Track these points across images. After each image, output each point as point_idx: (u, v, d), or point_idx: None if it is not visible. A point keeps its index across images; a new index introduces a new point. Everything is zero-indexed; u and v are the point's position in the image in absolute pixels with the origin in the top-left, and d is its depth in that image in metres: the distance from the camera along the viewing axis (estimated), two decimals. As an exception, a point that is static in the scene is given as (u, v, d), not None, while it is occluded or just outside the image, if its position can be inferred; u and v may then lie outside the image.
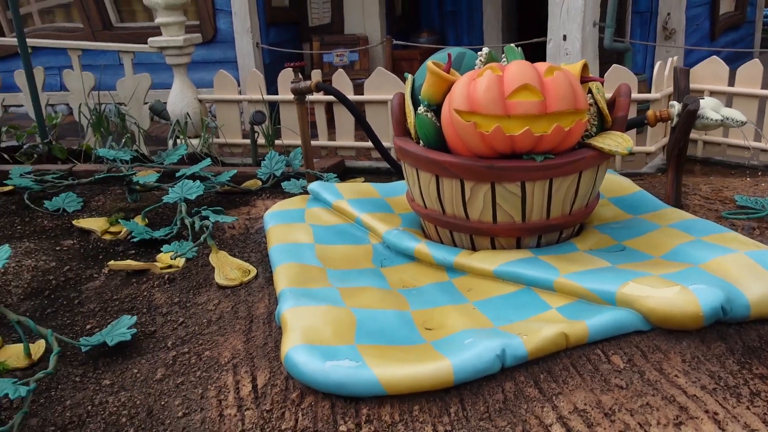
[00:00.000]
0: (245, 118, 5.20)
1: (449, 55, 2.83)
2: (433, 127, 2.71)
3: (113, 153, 3.86)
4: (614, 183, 3.24)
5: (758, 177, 3.88)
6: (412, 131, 2.86)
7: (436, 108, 2.76)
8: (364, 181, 4.29)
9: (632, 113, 4.40)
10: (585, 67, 2.80)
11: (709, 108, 3.19)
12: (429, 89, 2.75)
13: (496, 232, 2.67)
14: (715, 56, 4.63)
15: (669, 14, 7.34)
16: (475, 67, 2.86)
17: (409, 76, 2.98)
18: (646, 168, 4.46)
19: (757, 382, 1.91)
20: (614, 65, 4.58)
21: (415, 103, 2.88)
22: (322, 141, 5.08)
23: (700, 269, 2.30)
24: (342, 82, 4.89)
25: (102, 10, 7.07)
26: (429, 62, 2.75)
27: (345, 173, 4.76)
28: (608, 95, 2.89)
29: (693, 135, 4.57)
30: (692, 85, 4.61)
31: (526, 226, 2.64)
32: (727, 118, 3.16)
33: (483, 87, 2.50)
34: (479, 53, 2.85)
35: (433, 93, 2.74)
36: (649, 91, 4.68)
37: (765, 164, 4.36)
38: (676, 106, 3.21)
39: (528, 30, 8.32)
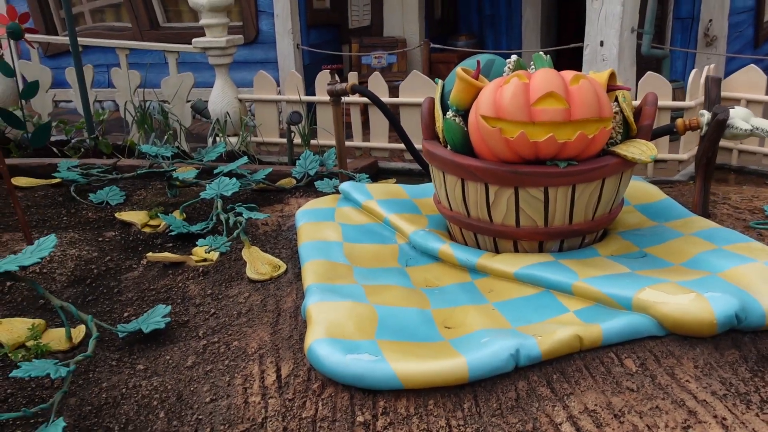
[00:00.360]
0: (283, 117, 5.34)
1: (478, 62, 2.89)
2: (461, 131, 2.78)
3: (155, 149, 4.02)
4: (641, 190, 3.25)
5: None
6: (441, 135, 2.93)
7: (464, 113, 2.83)
8: (395, 182, 4.38)
9: (666, 120, 4.39)
10: (612, 75, 2.83)
11: (739, 118, 3.18)
12: (457, 95, 2.82)
13: (518, 235, 2.73)
14: (753, 65, 4.58)
15: (711, 21, 7.23)
16: (504, 74, 2.92)
17: (440, 82, 3.06)
18: (678, 176, 4.44)
19: (769, 391, 1.94)
20: (648, 72, 4.57)
21: (444, 108, 2.95)
22: (357, 142, 5.18)
23: (718, 277, 2.33)
24: (378, 84, 4.99)
25: (150, 10, 7.31)
26: (458, 69, 2.82)
27: (378, 174, 4.86)
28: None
29: (728, 144, 4.54)
30: (729, 94, 4.58)
31: (549, 231, 2.69)
32: (757, 128, 3.15)
33: (509, 94, 2.56)
34: (508, 60, 2.90)
35: (462, 99, 2.81)
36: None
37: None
38: (705, 115, 3.21)
39: (568, 34, 8.31)
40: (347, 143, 5.14)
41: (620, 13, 5.81)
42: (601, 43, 5.96)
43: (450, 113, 2.86)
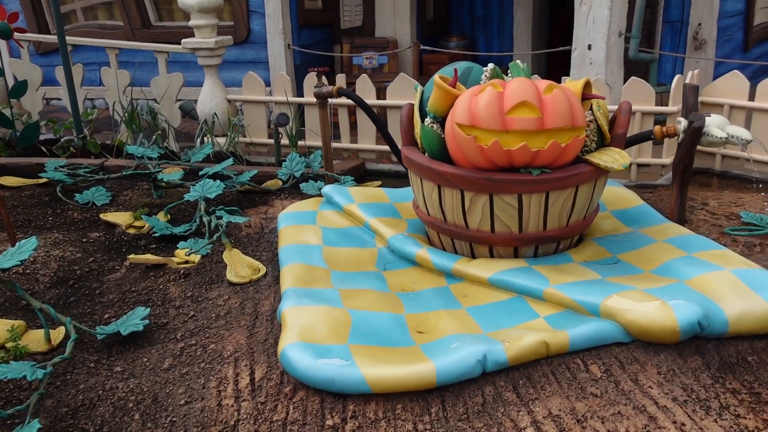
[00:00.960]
0: (273, 118, 5.38)
1: (455, 70, 2.93)
2: (438, 138, 2.82)
3: (141, 150, 4.06)
4: (618, 196, 3.30)
5: (760, 191, 3.89)
6: (419, 141, 2.97)
7: (441, 120, 2.87)
8: (381, 185, 4.43)
9: (651, 124, 4.44)
10: (587, 84, 2.87)
11: (715, 125, 3.23)
12: (435, 102, 2.86)
13: (494, 241, 2.77)
14: (736, 71, 4.62)
15: (700, 24, 7.28)
16: (481, 81, 2.96)
17: (419, 88, 3.10)
18: (661, 180, 4.49)
19: (728, 396, 1.98)
20: (632, 78, 4.62)
21: (423, 115, 2.99)
22: (344, 143, 5.22)
23: (685, 285, 2.37)
24: (365, 86, 5.03)
25: (142, 9, 7.33)
26: (435, 76, 2.86)
27: (365, 176, 4.89)
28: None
29: (712, 148, 4.59)
30: (712, 99, 4.63)
31: (523, 237, 2.74)
32: (732, 136, 3.19)
33: (483, 102, 2.60)
34: (485, 69, 2.94)
35: (439, 106, 2.85)
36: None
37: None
38: (682, 123, 3.25)
39: (559, 36, 8.35)
40: (335, 144, 5.19)
41: (608, 17, 5.85)
42: (589, 47, 6.00)
43: (428, 120, 2.90)
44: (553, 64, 8.33)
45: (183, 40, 5.30)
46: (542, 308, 2.43)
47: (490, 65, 2.94)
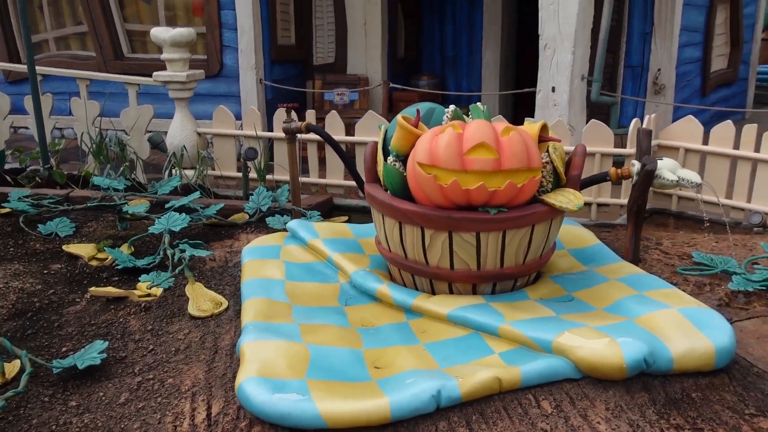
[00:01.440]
0: (242, 152, 5.42)
1: (417, 111, 3.03)
2: (399, 176, 2.90)
3: (107, 181, 4.06)
4: (575, 235, 3.40)
5: (721, 234, 4.03)
6: (382, 179, 3.04)
7: (404, 159, 2.94)
8: (348, 220, 4.48)
9: (610, 165, 4.58)
10: (544, 127, 2.98)
11: (667, 168, 3.36)
12: (397, 141, 2.94)
13: (453, 278, 2.83)
14: (691, 116, 4.81)
15: (659, 70, 7.57)
16: (443, 122, 3.06)
17: (383, 127, 3.18)
18: (619, 219, 4.62)
19: (672, 431, 2.05)
20: (592, 120, 4.78)
21: (386, 153, 3.07)
22: (313, 178, 5.29)
23: (633, 323, 2.46)
24: (334, 123, 5.12)
25: (115, 40, 7.38)
26: (398, 116, 2.95)
27: (333, 210, 4.95)
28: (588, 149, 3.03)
29: (668, 191, 4.75)
30: (669, 142, 4.81)
31: (481, 274, 2.81)
32: (683, 179, 3.32)
33: (444, 143, 2.69)
34: (446, 110, 3.04)
35: (401, 145, 2.94)
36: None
37: (735, 221, 4.52)
38: (636, 165, 3.38)
39: (526, 77, 8.60)
40: (304, 179, 5.25)
41: (570, 62, 6.07)
42: (553, 89, 6.20)
43: (390, 158, 2.97)
44: (521, 105, 8.55)
45: (154, 73, 5.35)
46: (497, 344, 2.48)
47: (452, 107, 3.04)
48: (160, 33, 5.33)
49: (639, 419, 2.11)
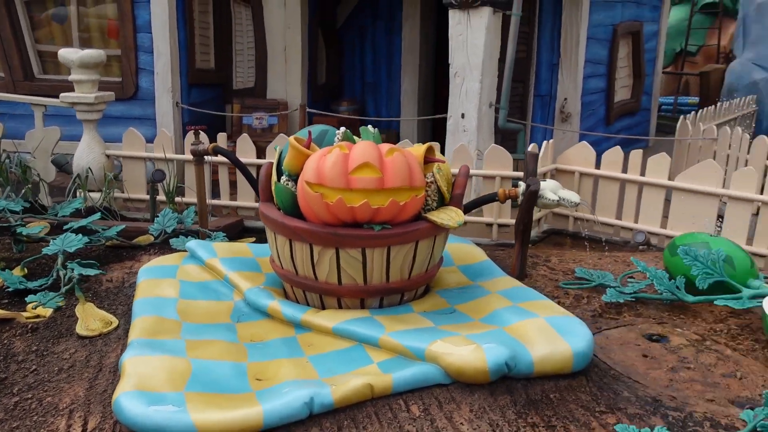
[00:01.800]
0: (150, 174, 5.40)
1: (309, 132, 3.15)
2: (290, 195, 2.99)
3: (3, 203, 3.99)
4: (465, 252, 3.57)
5: (606, 251, 4.30)
6: (275, 198, 3.13)
7: (295, 178, 3.05)
8: (256, 241, 4.53)
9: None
10: (430, 148, 3.15)
11: (549, 189, 3.59)
12: (290, 161, 3.05)
13: (341, 292, 2.93)
14: (584, 142, 5.12)
15: (566, 99, 8.00)
16: (334, 143, 3.18)
17: (278, 148, 3.28)
18: (518, 239, 4.84)
19: (527, 429, 2.20)
20: (492, 145, 5.02)
21: (281, 174, 3.16)
22: (224, 200, 5.32)
23: (503, 331, 2.61)
24: (245, 146, 5.19)
25: (25, 61, 7.22)
26: (291, 138, 3.06)
27: (243, 232, 4.99)
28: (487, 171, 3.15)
29: (566, 211, 5.03)
30: (565, 167, 5.10)
31: (368, 289, 2.92)
32: (563, 199, 3.56)
33: (330, 162, 2.81)
34: (337, 132, 3.17)
35: (293, 165, 3.04)
36: (524, 170, 5.10)
37: (625, 240, 4.82)
38: (521, 186, 3.60)
39: (445, 103, 8.89)
40: (216, 202, 5.28)
41: (478, 90, 6.35)
42: (462, 116, 6.46)
43: (283, 178, 3.07)
44: (437, 130, 8.82)
45: (61, 95, 5.30)
46: (377, 355, 2.59)
47: (342, 129, 3.17)
48: (68, 54, 5.29)
49: (499, 419, 2.25)
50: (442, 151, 5.22)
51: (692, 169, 4.68)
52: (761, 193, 4.38)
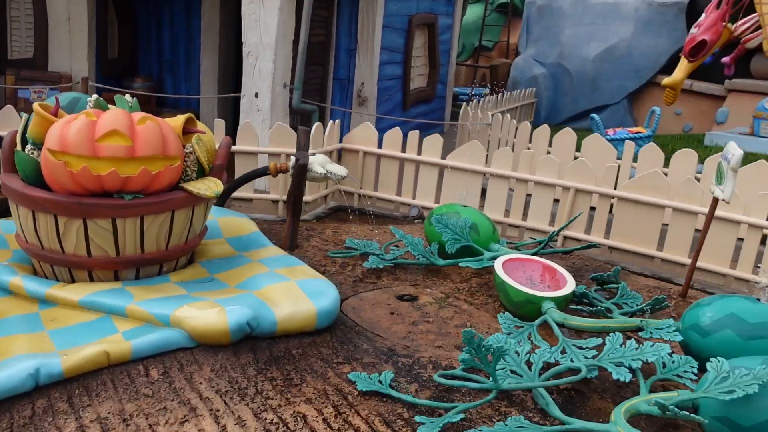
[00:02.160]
0: None
1: (56, 98, 2.99)
2: (33, 164, 2.83)
3: None
4: (235, 224, 3.61)
5: (377, 224, 4.59)
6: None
7: (41, 146, 2.88)
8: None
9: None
10: (190, 119, 3.13)
11: (318, 163, 3.75)
12: (34, 129, 2.87)
13: (91, 265, 2.84)
14: (368, 122, 5.38)
15: (363, 84, 8.32)
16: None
17: (24, 116, 3.07)
18: (306, 215, 4.98)
19: (265, 383, 2.31)
20: (278, 123, 5.09)
21: (26, 142, 2.97)
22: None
23: (253, 294, 2.70)
24: (11, 118, 4.76)
25: None
26: (36, 104, 2.88)
27: (7, 212, 4.58)
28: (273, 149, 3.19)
29: (352, 189, 5.26)
30: (350, 145, 5.32)
31: (121, 260, 2.85)
32: (330, 173, 3.73)
33: (75, 129, 2.70)
34: (89, 99, 3.05)
35: (38, 132, 2.87)
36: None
37: (403, 215, 5.16)
38: (292, 160, 3.72)
39: (247, 85, 8.80)
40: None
41: (272, 69, 6.40)
42: (256, 95, 6.48)
43: (28, 147, 2.89)
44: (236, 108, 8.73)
45: None
46: (124, 324, 2.55)
47: (94, 96, 3.06)
48: None
49: (239, 376, 2.33)
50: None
51: (460, 149, 5.12)
52: (516, 171, 4.92)
